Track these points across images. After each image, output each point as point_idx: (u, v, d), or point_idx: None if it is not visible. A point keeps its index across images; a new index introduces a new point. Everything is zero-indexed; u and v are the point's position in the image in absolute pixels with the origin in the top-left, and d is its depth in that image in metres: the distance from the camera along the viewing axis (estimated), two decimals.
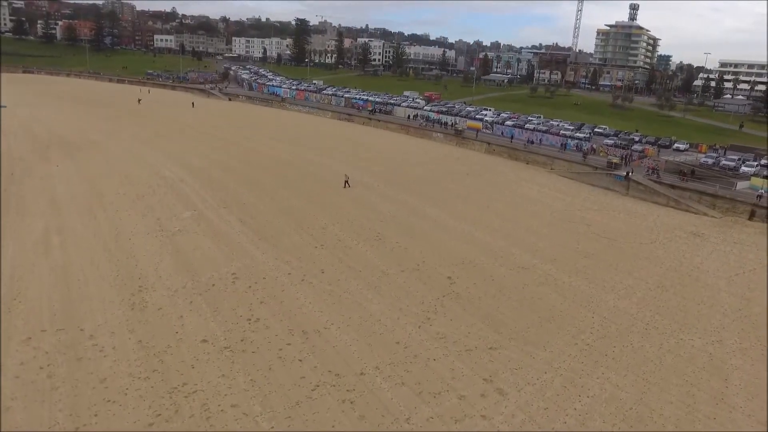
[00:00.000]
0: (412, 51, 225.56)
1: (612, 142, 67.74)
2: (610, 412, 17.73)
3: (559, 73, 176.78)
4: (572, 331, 23.02)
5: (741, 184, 48.20)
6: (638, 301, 26.41)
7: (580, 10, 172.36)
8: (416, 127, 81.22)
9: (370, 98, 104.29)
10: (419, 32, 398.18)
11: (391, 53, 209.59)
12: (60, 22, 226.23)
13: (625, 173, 51.06)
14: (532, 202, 44.68)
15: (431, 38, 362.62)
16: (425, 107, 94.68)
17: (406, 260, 29.65)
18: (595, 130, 78.13)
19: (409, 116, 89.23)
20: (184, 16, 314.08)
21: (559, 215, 41.11)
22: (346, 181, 44.58)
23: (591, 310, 25.17)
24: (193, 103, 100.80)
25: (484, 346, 21.26)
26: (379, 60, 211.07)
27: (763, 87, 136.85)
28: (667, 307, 25.91)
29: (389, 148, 67.86)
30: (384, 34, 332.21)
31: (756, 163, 57.20)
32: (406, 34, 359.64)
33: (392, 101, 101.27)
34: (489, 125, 77.81)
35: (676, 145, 69.46)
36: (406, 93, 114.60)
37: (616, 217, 41.99)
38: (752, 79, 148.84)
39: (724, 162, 56.73)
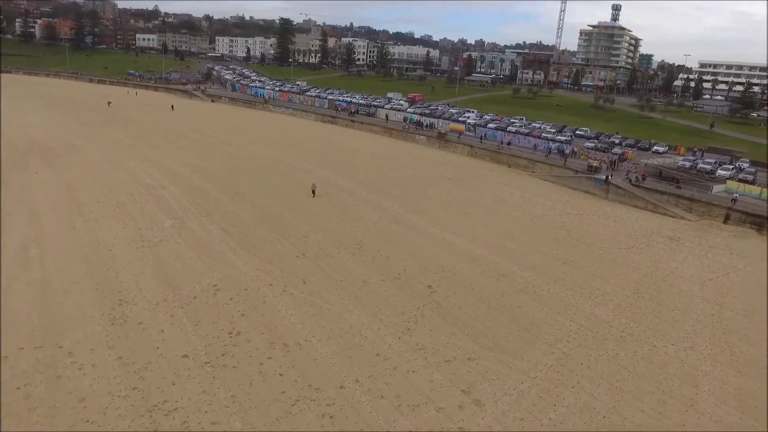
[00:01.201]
0: (396, 51, 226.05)
1: (593, 145, 68.60)
2: (584, 422, 18.20)
3: (542, 73, 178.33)
4: (549, 339, 23.49)
5: (717, 188, 49.26)
6: (614, 308, 26.99)
7: (563, 10, 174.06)
8: (399, 130, 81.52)
9: (354, 100, 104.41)
10: (404, 30, 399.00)
11: (375, 53, 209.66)
12: (39, 21, 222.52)
13: (605, 177, 51.90)
14: (512, 207, 45.22)
15: (416, 36, 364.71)
16: (408, 109, 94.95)
17: (387, 269, 29.93)
18: (577, 132, 79.13)
19: (386, 117, 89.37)
20: (166, 14, 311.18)
21: (539, 220, 41.69)
22: (313, 191, 43.76)
23: (568, 317, 25.69)
24: (172, 106, 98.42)
25: (463, 356, 21.61)
26: (363, 60, 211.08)
27: (741, 87, 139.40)
28: (643, 314, 26.54)
29: (372, 151, 68.03)
30: (368, 33, 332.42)
31: (731, 166, 58.42)
32: (390, 32, 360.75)
33: (375, 103, 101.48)
34: (472, 128, 78.35)
35: (655, 147, 70.65)
36: (390, 94, 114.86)
37: (595, 221, 42.70)
38: (731, 79, 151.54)
39: (701, 165, 57.84)
